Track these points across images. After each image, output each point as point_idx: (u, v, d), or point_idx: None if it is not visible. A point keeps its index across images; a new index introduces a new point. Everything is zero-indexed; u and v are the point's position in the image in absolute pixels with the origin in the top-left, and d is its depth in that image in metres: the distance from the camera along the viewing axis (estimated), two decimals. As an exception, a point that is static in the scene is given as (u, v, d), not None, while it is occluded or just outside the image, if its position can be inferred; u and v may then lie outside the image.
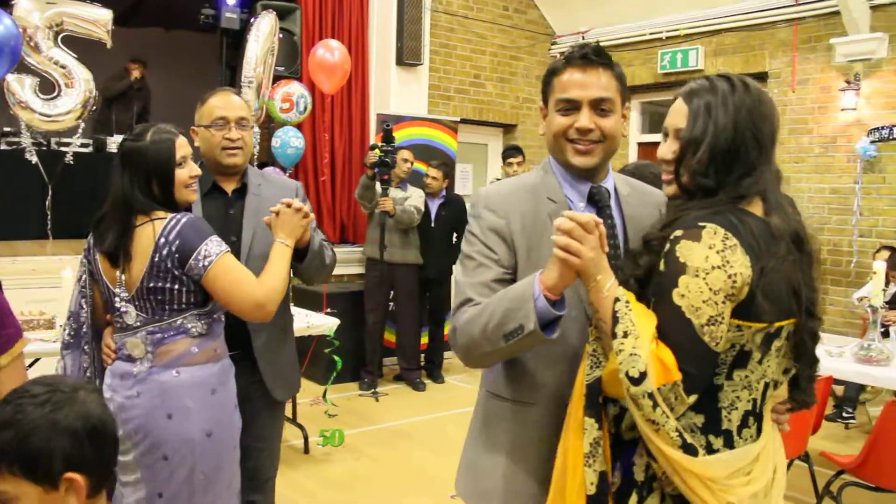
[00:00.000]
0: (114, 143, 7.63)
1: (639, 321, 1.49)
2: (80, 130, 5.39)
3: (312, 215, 2.52)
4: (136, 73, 9.09)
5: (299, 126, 6.94)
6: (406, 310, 6.48)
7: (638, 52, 8.20)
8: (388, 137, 5.89)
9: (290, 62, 7.16)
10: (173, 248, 2.24)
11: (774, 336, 1.57)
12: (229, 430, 2.38)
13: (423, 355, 6.86)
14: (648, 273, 1.59)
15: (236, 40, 6.84)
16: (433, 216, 6.66)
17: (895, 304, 5.46)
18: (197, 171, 2.43)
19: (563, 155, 1.81)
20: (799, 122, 6.93)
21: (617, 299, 1.52)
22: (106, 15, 5.25)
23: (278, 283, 2.36)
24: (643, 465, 1.60)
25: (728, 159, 1.57)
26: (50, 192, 5.72)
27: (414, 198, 6.30)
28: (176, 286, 2.27)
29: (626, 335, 1.47)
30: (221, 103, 2.65)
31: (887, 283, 5.24)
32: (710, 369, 1.54)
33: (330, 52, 6.28)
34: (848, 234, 6.55)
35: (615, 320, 1.49)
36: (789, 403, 1.74)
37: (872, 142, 6.32)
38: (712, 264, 1.48)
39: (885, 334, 4.45)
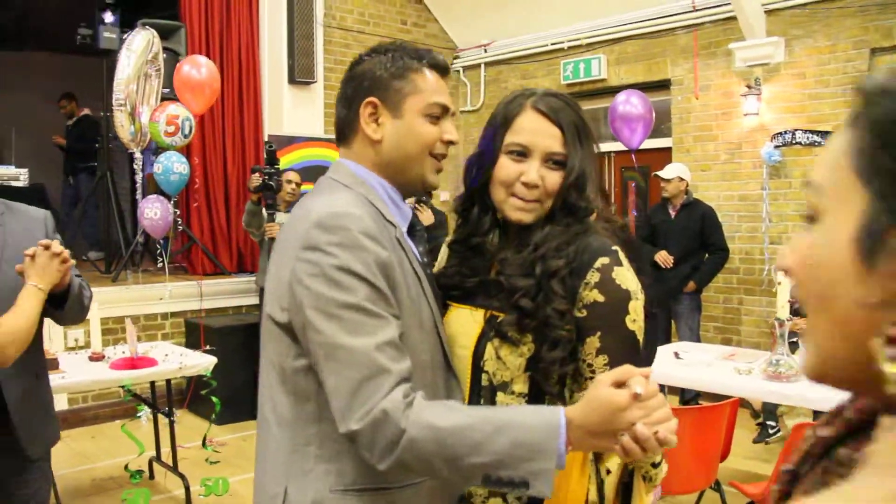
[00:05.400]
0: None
1: None
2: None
3: (72, 260, 2.18)
4: None
5: (186, 150, 6.52)
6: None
7: (540, 63, 8.00)
8: (271, 159, 5.51)
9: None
10: None
11: None
12: None
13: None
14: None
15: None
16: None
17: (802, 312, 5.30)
18: None
19: (420, 169, 1.49)
20: (704, 128, 6.79)
21: None
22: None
23: (23, 325, 2.02)
24: None
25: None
26: None
27: (307, 222, 5.92)
28: None
29: None
30: None
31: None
32: None
33: (196, 69, 5.86)
34: (759, 242, 6.38)
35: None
36: None
37: (776, 147, 6.20)
38: (637, 286, 1.48)
39: (795, 346, 4.24)
